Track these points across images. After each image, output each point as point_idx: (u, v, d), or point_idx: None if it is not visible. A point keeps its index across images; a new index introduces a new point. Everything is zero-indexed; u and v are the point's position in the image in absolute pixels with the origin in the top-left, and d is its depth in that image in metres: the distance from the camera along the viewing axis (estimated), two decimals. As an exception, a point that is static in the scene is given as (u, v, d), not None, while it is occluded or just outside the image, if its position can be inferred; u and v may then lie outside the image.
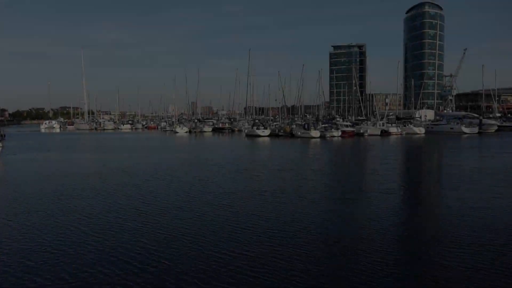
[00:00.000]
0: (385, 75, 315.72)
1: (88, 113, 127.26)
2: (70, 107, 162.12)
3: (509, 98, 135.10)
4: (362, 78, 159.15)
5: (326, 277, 7.71)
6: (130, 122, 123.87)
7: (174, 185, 18.23)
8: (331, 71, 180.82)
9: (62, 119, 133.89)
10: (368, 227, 11.06)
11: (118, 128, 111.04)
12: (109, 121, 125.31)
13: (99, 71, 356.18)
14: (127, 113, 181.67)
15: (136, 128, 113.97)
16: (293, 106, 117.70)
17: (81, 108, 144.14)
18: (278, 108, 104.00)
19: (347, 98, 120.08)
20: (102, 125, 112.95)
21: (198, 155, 33.38)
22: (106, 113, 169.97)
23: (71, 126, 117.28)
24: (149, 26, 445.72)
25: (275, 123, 77.52)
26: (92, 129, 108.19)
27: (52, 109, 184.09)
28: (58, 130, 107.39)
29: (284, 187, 17.48)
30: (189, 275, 7.82)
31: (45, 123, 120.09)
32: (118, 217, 12.39)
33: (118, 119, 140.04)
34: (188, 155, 34.08)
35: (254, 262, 8.42)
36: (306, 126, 61.85)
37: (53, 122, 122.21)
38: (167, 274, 7.86)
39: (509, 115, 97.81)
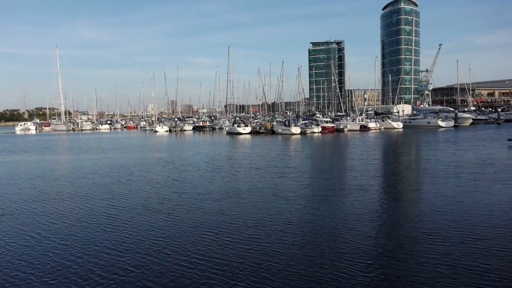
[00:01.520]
0: (363, 71, 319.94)
1: (65, 114, 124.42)
2: (46, 108, 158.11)
3: (483, 92, 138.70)
4: (341, 74, 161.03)
5: (303, 277, 7.57)
6: (108, 122, 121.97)
7: (146, 186, 17.85)
8: (310, 68, 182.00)
9: (38, 120, 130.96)
10: (345, 224, 11.00)
11: (97, 129, 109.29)
12: (86, 121, 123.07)
13: (76, 71, 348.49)
14: (105, 113, 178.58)
15: (115, 128, 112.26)
16: (273, 103, 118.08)
17: (57, 109, 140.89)
18: (259, 105, 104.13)
19: (326, 94, 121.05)
20: (79, 126, 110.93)
21: (176, 154, 32.99)
22: (83, 113, 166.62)
23: (48, 128, 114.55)
24: (126, 25, 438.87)
25: (255, 121, 77.56)
26: (69, 130, 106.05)
27: (27, 110, 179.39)
28: (34, 132, 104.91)
29: (260, 185, 17.34)
30: (157, 281, 7.60)
31: (20, 125, 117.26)
32: (85, 221, 11.99)
33: (96, 119, 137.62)
34: (166, 154, 33.63)
35: (225, 265, 8.25)
36: (286, 123, 62.08)
37: (29, 123, 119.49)
38: (133, 281, 7.62)
39: (483, 108, 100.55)
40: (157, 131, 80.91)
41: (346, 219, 11.55)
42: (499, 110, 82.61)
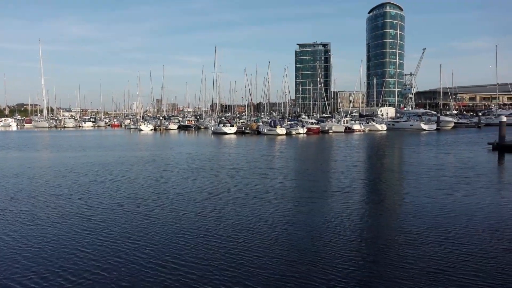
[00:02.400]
0: (349, 73, 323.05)
1: (47, 111, 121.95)
2: (28, 104, 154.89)
3: (464, 96, 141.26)
4: (327, 76, 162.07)
5: (281, 281, 7.38)
6: (92, 119, 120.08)
7: (124, 186, 17.43)
8: (296, 69, 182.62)
9: (19, 117, 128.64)
10: (326, 227, 10.88)
11: (80, 126, 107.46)
12: (69, 118, 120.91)
13: (59, 66, 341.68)
14: (88, 111, 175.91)
15: (98, 126, 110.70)
16: (259, 104, 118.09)
17: (39, 105, 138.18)
18: (245, 105, 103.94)
19: (312, 95, 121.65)
20: (62, 123, 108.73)
21: (159, 154, 32.52)
22: (66, 110, 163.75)
23: (29, 124, 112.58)
24: (112, 22, 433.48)
25: (241, 121, 77.31)
26: (51, 127, 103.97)
27: (8, 106, 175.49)
28: (15, 128, 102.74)
29: (242, 187, 17.11)
30: (130, 285, 7.31)
31: (1, 121, 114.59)
32: (58, 221, 11.57)
33: (80, 117, 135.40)
34: (148, 153, 33.10)
35: (202, 267, 8.00)
36: (272, 124, 62.03)
37: (10, 119, 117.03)
38: (105, 284, 7.33)
39: (464, 112, 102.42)
40: (142, 130, 79.93)
41: (326, 221, 11.42)
42: (480, 114, 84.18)
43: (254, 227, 10.88)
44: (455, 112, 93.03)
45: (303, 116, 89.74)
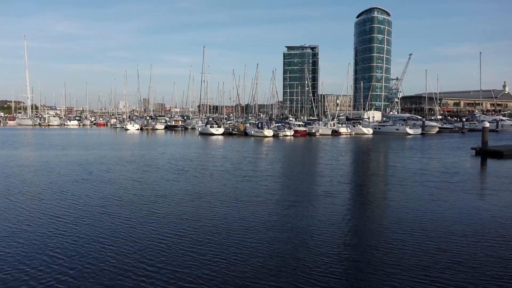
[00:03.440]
0: (336, 76, 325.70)
1: (32, 108, 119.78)
2: (11, 101, 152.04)
3: (449, 101, 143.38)
4: (314, 79, 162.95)
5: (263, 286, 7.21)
6: (77, 118, 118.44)
7: (102, 186, 16.98)
8: (284, 71, 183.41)
9: (2, 114, 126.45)
10: (308, 232, 10.69)
11: (64, 124, 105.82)
12: (54, 116, 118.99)
13: (44, 64, 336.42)
14: (74, 109, 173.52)
15: (84, 125, 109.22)
16: (247, 105, 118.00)
17: (23, 103, 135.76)
18: (232, 106, 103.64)
19: (300, 98, 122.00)
20: (46, 121, 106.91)
21: (144, 153, 32.02)
22: (51, 108, 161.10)
23: (13, 122, 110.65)
24: (99, 19, 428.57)
25: (229, 122, 77.05)
26: (35, 124, 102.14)
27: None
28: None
29: (225, 189, 16.85)
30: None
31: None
32: (29, 223, 11.15)
33: (65, 115, 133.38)
34: (132, 152, 32.57)
35: (180, 272, 7.72)
36: (259, 125, 61.94)
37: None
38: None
39: (449, 117, 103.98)
40: (128, 129, 78.98)
41: (309, 226, 11.24)
42: (464, 119, 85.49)
43: (235, 230, 10.64)
44: (439, 117, 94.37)
45: (291, 119, 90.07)
